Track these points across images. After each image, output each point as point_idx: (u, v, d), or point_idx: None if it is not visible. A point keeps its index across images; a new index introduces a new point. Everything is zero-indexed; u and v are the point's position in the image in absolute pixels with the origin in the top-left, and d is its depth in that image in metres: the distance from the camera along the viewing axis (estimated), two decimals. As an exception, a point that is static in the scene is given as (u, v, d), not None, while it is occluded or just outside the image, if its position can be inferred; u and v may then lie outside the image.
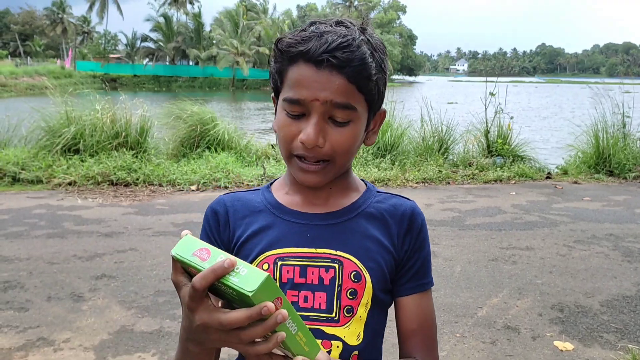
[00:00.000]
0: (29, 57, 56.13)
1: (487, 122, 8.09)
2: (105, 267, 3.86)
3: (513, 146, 8.07)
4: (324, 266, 0.87)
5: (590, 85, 10.70)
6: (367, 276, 0.87)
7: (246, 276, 0.61)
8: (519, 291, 3.58)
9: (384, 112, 0.93)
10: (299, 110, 0.82)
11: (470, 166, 7.66)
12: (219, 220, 0.95)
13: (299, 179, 0.87)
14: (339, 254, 0.88)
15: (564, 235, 4.83)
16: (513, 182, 7.22)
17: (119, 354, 2.69)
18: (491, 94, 8.06)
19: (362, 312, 0.88)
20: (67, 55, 52.45)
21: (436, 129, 8.19)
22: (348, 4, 73.18)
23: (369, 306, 0.88)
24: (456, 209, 5.70)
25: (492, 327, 3.06)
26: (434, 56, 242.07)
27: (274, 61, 0.86)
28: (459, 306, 3.32)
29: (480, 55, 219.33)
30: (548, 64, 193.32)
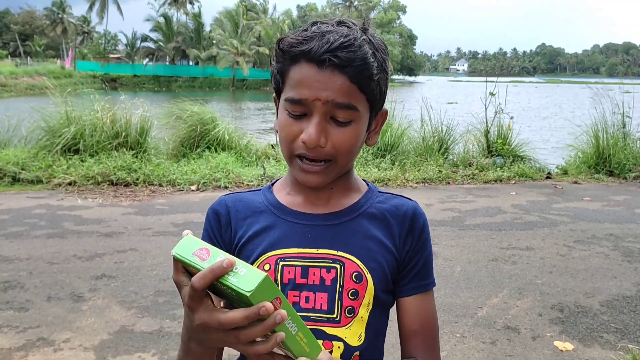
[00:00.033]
0: (29, 57, 56.14)
1: (487, 122, 8.09)
2: (105, 267, 3.86)
3: (513, 146, 8.07)
4: (326, 267, 0.87)
5: (590, 85, 10.71)
6: (368, 277, 0.87)
7: (245, 276, 0.61)
8: (519, 291, 3.58)
9: (385, 112, 0.93)
10: (300, 110, 0.82)
11: (470, 166, 7.66)
12: (220, 220, 0.94)
13: (301, 179, 0.87)
14: (340, 254, 0.88)
15: (564, 235, 4.83)
16: (513, 182, 7.22)
17: (119, 354, 2.69)
18: (491, 94, 8.06)
19: (364, 312, 0.87)
20: (67, 55, 52.45)
21: (436, 129, 8.19)
22: (348, 4, 73.19)
23: (371, 307, 0.88)
24: (456, 209, 5.70)
25: (492, 327, 3.06)
26: (434, 56, 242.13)
27: (275, 61, 0.86)
28: (459, 306, 3.32)
29: (480, 55, 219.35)
30: (548, 64, 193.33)
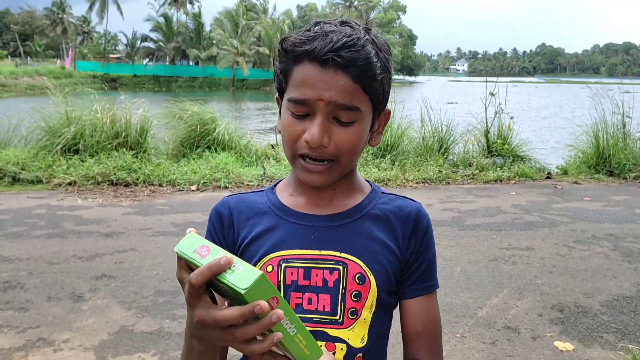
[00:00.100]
0: (29, 57, 56.13)
1: (487, 122, 8.09)
2: (105, 267, 3.86)
3: (513, 146, 8.06)
4: (328, 268, 0.87)
5: (590, 85, 10.71)
6: (371, 278, 0.87)
7: (241, 274, 0.61)
8: (519, 291, 3.57)
9: (388, 113, 0.92)
10: (303, 111, 0.82)
11: (470, 166, 7.66)
12: (223, 222, 0.94)
13: (304, 179, 0.87)
14: (343, 256, 0.87)
15: (564, 236, 4.83)
16: (513, 182, 7.22)
17: (119, 354, 2.69)
18: (491, 94, 8.06)
19: (367, 314, 0.87)
20: (67, 55, 52.43)
21: (436, 129, 8.19)
22: (348, 4, 73.18)
23: (374, 308, 0.88)
24: (456, 209, 5.70)
25: (492, 327, 3.06)
26: (434, 56, 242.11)
27: (278, 61, 0.86)
28: (459, 306, 3.32)
29: (480, 55, 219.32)
30: (548, 64, 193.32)
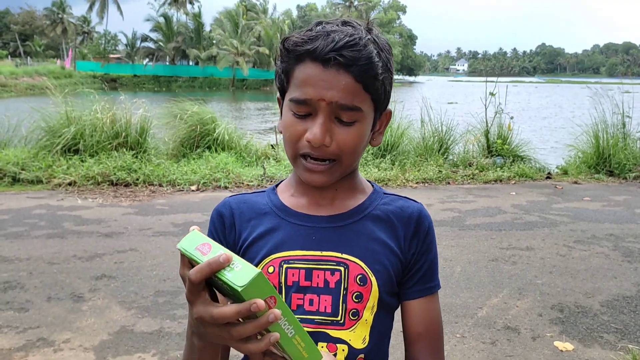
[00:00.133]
0: (29, 57, 56.12)
1: (487, 122, 8.09)
2: (105, 267, 3.86)
3: (513, 146, 8.06)
4: (330, 269, 0.87)
5: (590, 85, 10.70)
6: (373, 279, 0.87)
7: (239, 272, 0.61)
8: (519, 291, 3.57)
9: (389, 113, 0.92)
10: (305, 110, 0.82)
11: (470, 166, 7.66)
12: (224, 222, 0.94)
13: (305, 179, 0.87)
14: (344, 256, 0.87)
15: (564, 236, 4.83)
16: (513, 182, 7.22)
17: (119, 354, 2.69)
18: (491, 94, 8.06)
19: (368, 315, 0.87)
20: (67, 55, 52.43)
21: (436, 129, 8.19)
22: (348, 4, 73.17)
23: (375, 309, 0.88)
24: (456, 209, 5.70)
25: (492, 327, 3.06)
26: (434, 56, 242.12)
27: (280, 61, 0.86)
28: (459, 306, 3.32)
29: (480, 55, 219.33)
30: (548, 64, 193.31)
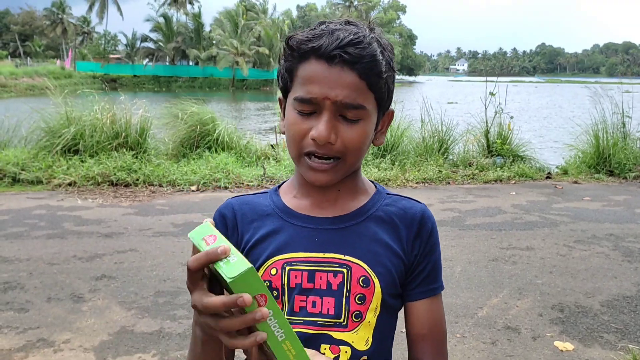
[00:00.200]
0: (28, 58, 56.14)
1: (487, 122, 8.09)
2: (105, 267, 3.86)
3: (513, 146, 8.06)
4: (332, 271, 0.86)
5: (590, 85, 10.70)
6: (375, 281, 0.86)
7: (233, 264, 0.62)
8: (519, 291, 3.57)
9: (392, 113, 0.92)
10: (309, 109, 0.82)
11: (470, 166, 7.66)
12: (227, 224, 0.94)
13: (309, 178, 0.86)
14: (347, 258, 0.87)
15: (564, 235, 4.83)
16: (513, 182, 7.22)
17: (119, 354, 2.69)
18: (491, 94, 8.05)
19: (371, 317, 0.87)
20: (67, 55, 52.41)
21: (436, 129, 8.19)
22: (348, 4, 73.18)
23: (378, 311, 0.87)
24: (456, 209, 5.69)
25: (492, 327, 3.06)
26: (433, 56, 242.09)
27: (283, 59, 0.85)
28: (459, 306, 3.32)
29: (480, 55, 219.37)
30: (548, 63, 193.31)
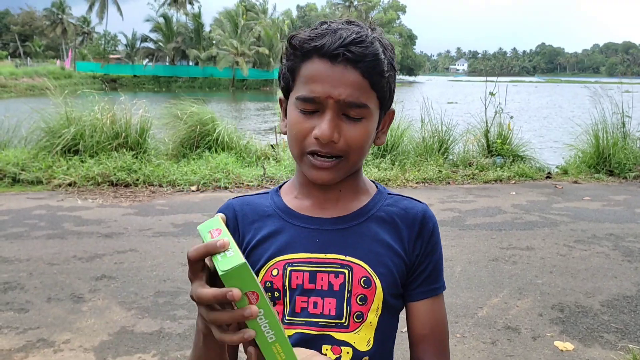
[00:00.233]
0: (28, 58, 56.15)
1: (487, 122, 8.09)
2: (105, 267, 3.86)
3: (513, 146, 8.06)
4: (334, 272, 0.86)
5: (590, 84, 10.70)
6: (377, 282, 0.86)
7: (229, 258, 0.63)
8: (519, 291, 3.57)
9: (393, 112, 0.93)
10: (312, 108, 0.82)
11: (470, 166, 7.66)
12: (228, 225, 0.93)
13: (311, 176, 0.86)
14: (348, 259, 0.87)
15: (564, 235, 4.83)
16: (513, 182, 7.22)
17: (119, 354, 2.69)
18: (491, 94, 8.05)
19: (373, 317, 0.87)
20: (67, 55, 52.40)
21: (436, 129, 8.19)
22: (348, 4, 73.17)
23: (380, 312, 0.87)
24: (456, 209, 5.69)
25: (492, 327, 3.05)
26: (433, 56, 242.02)
27: (286, 59, 0.85)
28: (459, 306, 3.32)
29: (480, 55, 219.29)
30: (548, 63, 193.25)
